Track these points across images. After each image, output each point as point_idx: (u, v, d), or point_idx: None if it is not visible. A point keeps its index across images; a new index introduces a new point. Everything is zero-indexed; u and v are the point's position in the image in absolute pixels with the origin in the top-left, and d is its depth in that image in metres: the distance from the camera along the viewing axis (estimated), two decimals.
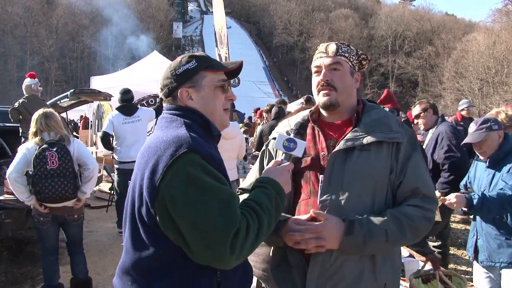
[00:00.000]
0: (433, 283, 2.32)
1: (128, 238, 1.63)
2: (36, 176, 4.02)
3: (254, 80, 61.69)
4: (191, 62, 1.71)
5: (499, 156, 3.14)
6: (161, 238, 1.52)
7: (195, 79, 1.70)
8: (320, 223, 1.74)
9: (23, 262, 5.49)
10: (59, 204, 4.22)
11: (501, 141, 3.16)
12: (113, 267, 5.46)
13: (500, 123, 3.25)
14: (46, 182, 4.03)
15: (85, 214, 8.29)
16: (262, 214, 1.55)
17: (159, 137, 1.58)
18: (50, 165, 4.04)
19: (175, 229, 1.46)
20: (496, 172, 3.15)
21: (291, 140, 1.79)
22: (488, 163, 3.21)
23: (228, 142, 5.29)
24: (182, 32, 78.17)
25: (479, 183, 3.29)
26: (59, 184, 4.08)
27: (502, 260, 3.06)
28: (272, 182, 1.67)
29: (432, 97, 56.16)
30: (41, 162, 4.02)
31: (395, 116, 1.97)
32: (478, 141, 3.14)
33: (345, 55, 1.90)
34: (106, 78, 14.45)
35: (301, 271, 1.83)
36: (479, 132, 3.15)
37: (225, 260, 1.44)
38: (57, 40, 60.85)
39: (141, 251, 1.56)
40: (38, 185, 4.02)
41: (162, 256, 1.54)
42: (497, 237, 3.09)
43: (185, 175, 1.46)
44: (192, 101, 1.70)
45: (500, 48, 47.31)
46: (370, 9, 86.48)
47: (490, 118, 3.27)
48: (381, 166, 1.81)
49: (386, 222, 1.75)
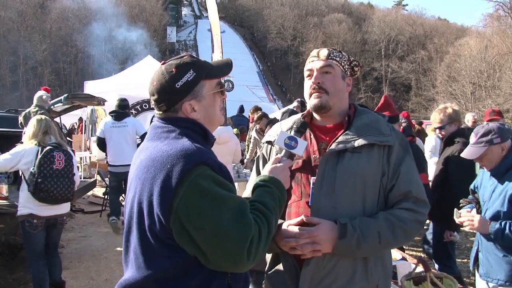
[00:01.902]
0: (424, 285, 2.33)
1: (139, 255, 1.57)
2: (41, 174, 4.09)
3: (248, 85, 61.72)
4: (188, 73, 1.63)
5: (502, 170, 2.86)
6: (176, 250, 1.50)
7: (196, 91, 1.65)
8: (314, 227, 1.75)
9: (15, 268, 5.46)
10: (56, 206, 4.28)
11: (505, 154, 2.85)
12: (106, 272, 5.45)
13: (506, 134, 2.88)
14: (52, 181, 4.14)
15: (78, 219, 8.33)
16: (269, 215, 1.57)
17: (162, 150, 1.53)
18: (57, 165, 4.19)
19: (192, 242, 1.46)
20: (498, 184, 2.87)
21: (292, 138, 1.80)
22: (491, 174, 2.95)
23: (223, 147, 5.31)
24: (176, 37, 78.17)
25: (483, 192, 3.07)
26: (63, 184, 4.22)
27: (499, 278, 2.85)
28: (274, 181, 1.68)
29: (426, 101, 56.58)
30: (48, 161, 4.14)
31: (385, 121, 1.98)
32: (475, 157, 2.90)
33: (336, 59, 1.93)
34: (100, 82, 14.44)
35: (294, 274, 1.85)
36: (478, 146, 2.88)
37: (243, 266, 1.47)
38: (51, 45, 60.60)
39: (156, 265, 1.54)
40: (43, 183, 4.09)
41: (177, 267, 1.53)
42: (495, 252, 2.86)
43: (198, 189, 1.45)
44: (195, 113, 1.66)
45: (492, 53, 47.68)
46: (363, 13, 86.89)
47: (493, 129, 2.88)
48: (372, 169, 1.83)
49: (379, 225, 1.77)
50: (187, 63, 1.66)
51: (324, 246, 1.74)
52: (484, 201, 3.01)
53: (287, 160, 1.79)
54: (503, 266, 2.83)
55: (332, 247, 1.75)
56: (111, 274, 5.36)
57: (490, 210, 2.89)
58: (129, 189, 1.66)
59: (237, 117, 12.63)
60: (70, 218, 8.33)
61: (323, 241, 1.74)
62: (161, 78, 1.65)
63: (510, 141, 2.90)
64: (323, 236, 1.74)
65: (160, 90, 1.64)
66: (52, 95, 7.95)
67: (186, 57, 1.69)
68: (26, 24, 59.64)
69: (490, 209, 2.90)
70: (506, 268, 2.81)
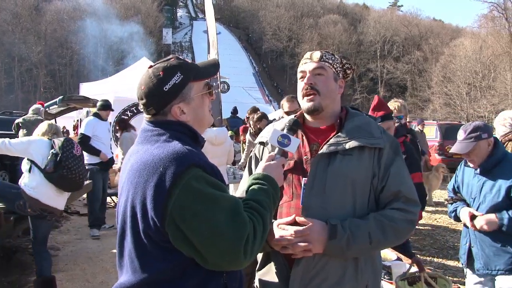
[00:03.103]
0: (418, 285, 2.35)
1: (134, 258, 1.56)
2: (64, 154, 4.38)
3: (244, 86, 61.74)
4: (176, 76, 1.63)
5: (489, 165, 3.04)
6: (172, 252, 1.51)
7: (184, 93, 1.65)
8: (306, 227, 1.77)
9: (11, 271, 5.44)
10: (57, 195, 4.52)
11: (490, 149, 3.05)
12: (102, 274, 5.45)
13: (491, 131, 3.12)
14: (74, 162, 4.44)
15: (74, 221, 8.31)
16: (264, 212, 1.58)
17: (154, 154, 1.53)
18: (76, 151, 4.54)
19: (189, 243, 1.46)
20: (487, 180, 3.05)
21: (285, 136, 1.81)
22: (479, 171, 3.10)
23: (217, 148, 5.32)
24: (171, 38, 78.13)
25: (469, 190, 3.21)
26: (82, 168, 4.59)
27: (498, 268, 2.98)
28: (268, 178, 1.69)
29: (421, 101, 56.82)
30: (69, 146, 4.49)
31: (376, 123, 2.02)
32: (465, 152, 3.05)
33: (329, 61, 1.96)
34: (95, 84, 14.42)
35: (284, 274, 1.86)
36: (467, 141, 3.05)
37: (240, 264, 1.48)
38: (46, 47, 60.46)
39: (152, 267, 1.53)
40: (68, 161, 4.39)
41: (173, 268, 1.53)
42: (492, 244, 3.00)
43: (191, 191, 1.45)
44: (185, 115, 1.66)
45: (486, 53, 47.94)
46: (358, 14, 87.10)
47: (480, 126, 3.11)
48: (363, 171, 1.85)
49: (369, 225, 1.79)
50: (174, 65, 1.66)
51: (315, 246, 1.76)
52: (473, 197, 3.14)
53: (281, 158, 1.81)
54: (502, 256, 2.96)
55: (323, 247, 1.77)
56: (107, 277, 5.35)
57: (484, 204, 3.03)
58: (121, 193, 1.66)
59: (232, 119, 12.63)
60: (65, 221, 8.32)
61: (315, 241, 1.76)
62: (148, 82, 1.65)
63: (493, 138, 3.11)
64: (315, 236, 1.76)
65: (148, 94, 1.65)
66: (47, 97, 8.07)
67: (172, 60, 1.69)
68: (21, 26, 59.45)
69: (483, 203, 3.04)
70: (505, 257, 2.95)
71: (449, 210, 3.39)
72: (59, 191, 4.52)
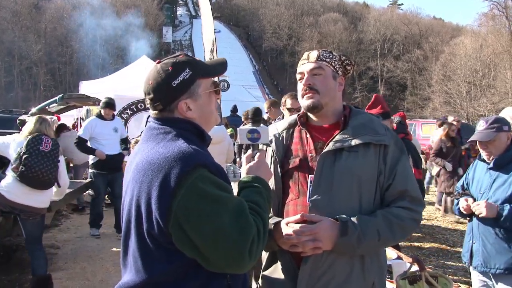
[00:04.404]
0: (419, 284, 2.34)
1: (138, 258, 1.55)
2: (26, 152, 4.29)
3: (244, 84, 61.65)
4: (185, 71, 1.62)
5: (504, 160, 3.02)
6: (175, 253, 1.49)
7: (192, 89, 1.64)
8: (315, 225, 1.77)
9: (11, 269, 5.44)
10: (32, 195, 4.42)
11: (508, 143, 3.04)
12: (102, 272, 5.44)
13: (510, 125, 3.11)
14: (36, 159, 4.32)
15: (74, 219, 8.30)
16: (262, 213, 1.57)
17: (159, 153, 1.51)
18: (43, 147, 4.40)
19: (192, 245, 1.45)
20: (500, 174, 3.03)
21: (253, 131, 1.82)
22: (493, 164, 3.07)
23: (217, 146, 5.29)
24: (171, 37, 78.00)
25: (478, 185, 3.17)
26: (47, 165, 4.39)
27: (497, 266, 2.92)
28: (257, 179, 1.69)
29: (421, 100, 56.74)
30: (35, 142, 4.38)
31: (380, 121, 2.03)
32: (486, 140, 3.03)
33: (326, 60, 1.97)
34: (95, 83, 14.35)
35: (292, 273, 1.86)
36: (489, 131, 3.03)
37: (245, 267, 1.47)
38: (46, 45, 60.26)
39: (155, 268, 1.52)
40: (27, 159, 4.28)
41: (176, 270, 1.52)
42: (496, 241, 2.95)
43: (196, 191, 1.44)
44: (191, 112, 1.65)
45: (487, 52, 47.89)
46: (358, 13, 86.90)
47: (501, 119, 3.13)
48: (369, 168, 1.87)
49: (378, 222, 1.81)
50: (183, 61, 1.65)
51: (325, 243, 1.77)
52: (482, 192, 3.10)
53: (258, 153, 1.80)
54: (503, 255, 2.90)
55: (333, 244, 1.77)
56: (107, 275, 5.35)
57: (492, 199, 2.99)
58: (126, 192, 1.64)
59: (231, 117, 12.61)
60: (65, 219, 8.31)
61: (324, 238, 1.76)
62: (157, 77, 1.63)
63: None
64: (324, 233, 1.76)
65: (156, 89, 1.63)
66: (47, 96, 8.03)
67: (181, 56, 1.69)
68: (21, 24, 59.26)
69: (491, 198, 3.00)
70: (507, 256, 2.89)
71: (454, 206, 3.37)
72: (33, 190, 4.42)
